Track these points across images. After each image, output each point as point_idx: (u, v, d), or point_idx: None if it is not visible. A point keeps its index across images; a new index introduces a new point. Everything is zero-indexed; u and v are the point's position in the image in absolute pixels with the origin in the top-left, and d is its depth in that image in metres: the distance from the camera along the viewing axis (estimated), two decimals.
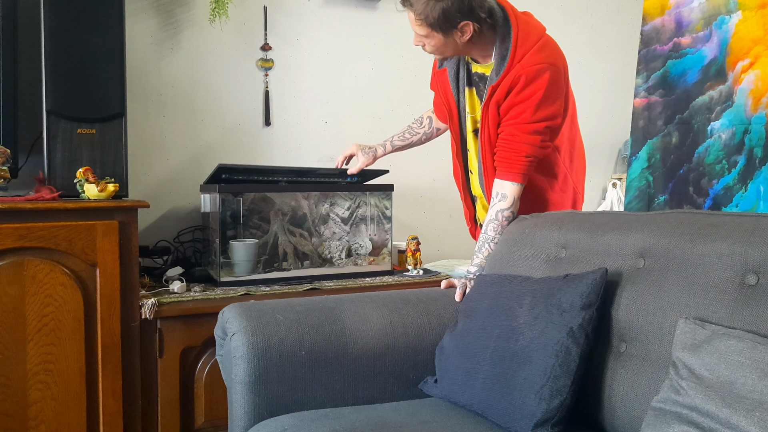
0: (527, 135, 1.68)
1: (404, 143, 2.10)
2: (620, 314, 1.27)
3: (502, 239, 1.71)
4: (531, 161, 1.70)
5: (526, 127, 1.68)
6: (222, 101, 2.43)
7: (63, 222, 1.64)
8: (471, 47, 1.73)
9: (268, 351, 1.40)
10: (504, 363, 1.29)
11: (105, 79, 1.82)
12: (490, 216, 1.75)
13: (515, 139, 1.69)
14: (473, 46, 1.72)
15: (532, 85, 1.65)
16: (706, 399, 0.97)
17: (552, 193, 1.86)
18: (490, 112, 1.72)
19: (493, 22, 1.68)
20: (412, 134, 2.09)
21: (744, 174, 1.67)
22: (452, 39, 1.67)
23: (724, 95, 1.73)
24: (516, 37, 1.66)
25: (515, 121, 1.68)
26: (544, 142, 1.71)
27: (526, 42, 1.67)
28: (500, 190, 1.73)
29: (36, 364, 1.63)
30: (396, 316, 1.54)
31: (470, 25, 1.64)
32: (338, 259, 2.26)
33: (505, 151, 1.71)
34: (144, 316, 1.78)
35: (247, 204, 2.17)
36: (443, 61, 1.86)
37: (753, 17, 1.66)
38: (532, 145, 1.69)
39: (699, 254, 1.18)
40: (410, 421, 1.30)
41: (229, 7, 2.35)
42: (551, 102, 1.68)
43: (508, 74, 1.66)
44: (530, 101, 1.65)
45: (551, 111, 1.69)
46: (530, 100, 1.65)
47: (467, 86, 1.83)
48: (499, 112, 1.71)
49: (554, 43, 1.74)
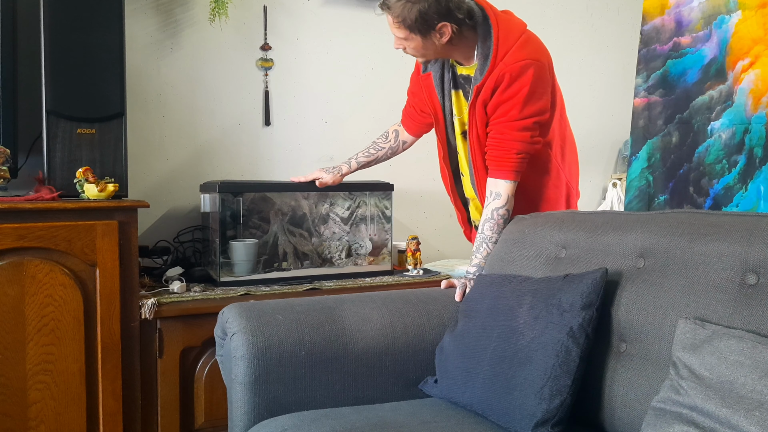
0: (516, 132, 1.68)
1: (369, 159, 2.08)
2: (620, 314, 1.27)
3: (501, 239, 1.70)
4: (522, 158, 1.71)
5: (514, 125, 1.68)
6: (222, 101, 2.43)
7: (63, 222, 1.64)
8: (452, 49, 1.74)
9: (268, 351, 1.40)
10: (504, 363, 1.29)
11: (105, 79, 1.82)
12: (485, 215, 1.75)
13: (505, 137, 1.69)
14: (454, 48, 1.73)
15: (517, 82, 1.65)
16: (706, 399, 0.97)
17: (546, 190, 1.85)
18: (477, 112, 1.72)
19: (473, 23, 1.69)
20: (377, 149, 2.07)
21: (744, 174, 1.67)
22: (431, 41, 1.68)
23: (724, 95, 1.73)
24: (497, 36, 1.67)
25: (503, 119, 1.69)
26: (534, 138, 1.71)
27: (508, 39, 1.67)
28: (494, 188, 1.73)
29: (36, 364, 1.63)
30: (396, 316, 1.54)
31: (448, 26, 1.65)
32: (338, 259, 2.26)
33: (495, 149, 1.71)
34: (144, 316, 1.78)
35: (247, 204, 2.17)
36: (427, 66, 1.85)
37: (753, 17, 1.66)
38: (522, 142, 1.69)
39: (699, 254, 1.18)
40: (410, 421, 1.30)
41: (229, 6, 2.35)
42: (538, 97, 1.68)
43: (492, 73, 1.67)
44: (517, 98, 1.66)
45: (539, 106, 1.69)
46: (516, 97, 1.66)
47: (453, 89, 1.83)
48: (486, 111, 1.72)
49: (536, 39, 1.74)
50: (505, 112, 1.68)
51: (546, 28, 3.11)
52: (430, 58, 1.79)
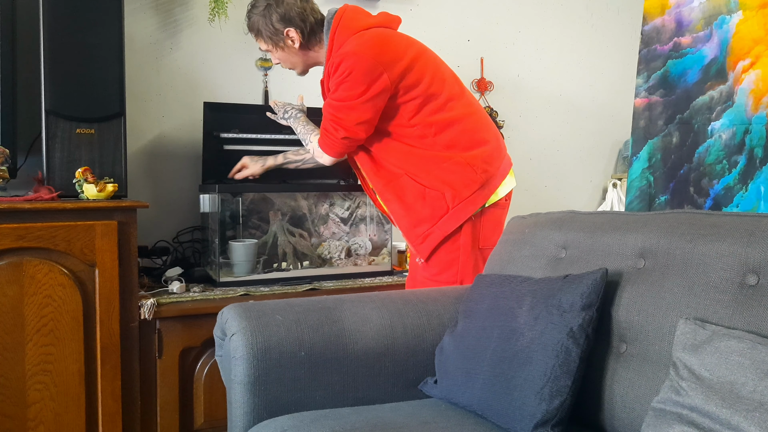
0: (333, 111, 1.85)
1: (297, 157, 2.10)
2: (620, 314, 1.27)
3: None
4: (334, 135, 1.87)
5: (333, 104, 1.85)
6: (221, 101, 2.42)
7: (62, 222, 1.64)
8: (314, 56, 1.98)
9: (268, 351, 1.39)
10: (504, 363, 1.29)
11: (104, 79, 1.81)
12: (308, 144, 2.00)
13: (326, 114, 1.88)
14: (315, 54, 1.97)
15: (338, 69, 1.82)
16: (706, 399, 0.97)
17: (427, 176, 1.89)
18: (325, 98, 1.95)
19: (326, 29, 1.90)
20: (306, 151, 2.07)
21: (744, 174, 1.67)
22: (288, 49, 1.94)
23: (725, 95, 1.73)
24: (333, 34, 1.87)
25: (330, 99, 1.88)
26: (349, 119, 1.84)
27: (342, 36, 1.86)
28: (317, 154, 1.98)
29: (35, 364, 1.62)
30: (396, 317, 1.54)
31: (293, 32, 1.90)
32: (338, 259, 2.26)
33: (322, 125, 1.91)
34: (143, 316, 1.78)
35: (247, 204, 2.17)
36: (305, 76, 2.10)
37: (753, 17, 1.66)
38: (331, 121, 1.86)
39: (699, 254, 1.18)
40: (410, 422, 1.29)
41: (229, 6, 2.35)
42: (354, 86, 1.80)
43: (327, 63, 1.89)
44: (337, 83, 1.83)
45: (355, 93, 1.80)
46: (338, 82, 1.82)
47: None
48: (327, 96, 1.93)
49: (376, 37, 1.84)
50: (333, 93, 1.87)
51: (546, 28, 3.13)
52: (301, 68, 2.02)
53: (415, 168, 1.88)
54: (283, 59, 1.98)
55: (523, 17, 3.04)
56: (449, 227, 1.87)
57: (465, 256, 1.89)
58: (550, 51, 3.11)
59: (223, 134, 2.19)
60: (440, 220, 1.87)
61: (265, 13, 1.89)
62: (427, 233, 1.89)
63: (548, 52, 3.10)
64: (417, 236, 1.91)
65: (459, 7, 2.89)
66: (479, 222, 1.90)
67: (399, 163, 1.90)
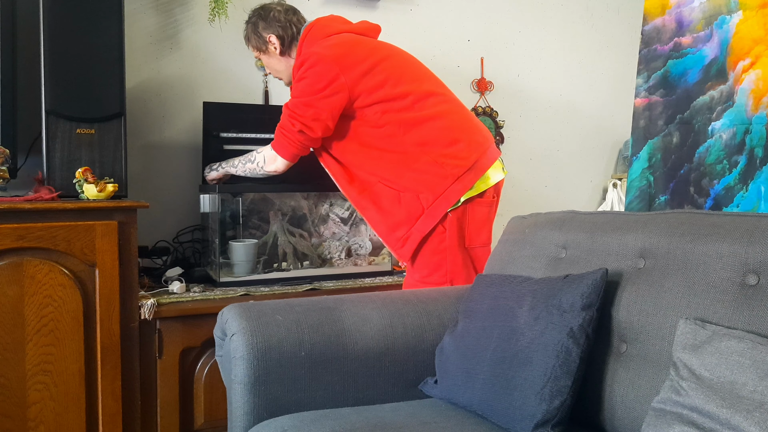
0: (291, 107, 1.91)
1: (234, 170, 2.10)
2: (621, 314, 1.27)
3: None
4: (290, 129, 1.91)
5: (292, 102, 1.91)
6: (221, 101, 2.42)
7: (62, 222, 1.64)
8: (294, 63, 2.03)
9: (268, 352, 1.39)
10: (504, 363, 1.29)
11: (104, 79, 1.81)
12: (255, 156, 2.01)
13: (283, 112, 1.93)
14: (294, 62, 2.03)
15: (300, 68, 1.92)
16: (706, 399, 0.97)
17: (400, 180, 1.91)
18: None
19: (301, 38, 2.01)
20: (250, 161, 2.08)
21: (745, 174, 1.67)
22: (271, 55, 2.07)
23: (725, 95, 1.73)
24: (302, 41, 2.00)
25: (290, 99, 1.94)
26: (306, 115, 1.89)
27: (309, 42, 1.97)
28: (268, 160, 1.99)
29: (35, 364, 1.62)
30: (396, 317, 1.54)
31: (273, 36, 2.03)
32: (338, 259, 2.26)
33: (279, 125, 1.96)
34: (143, 316, 1.78)
35: (247, 204, 2.17)
36: None
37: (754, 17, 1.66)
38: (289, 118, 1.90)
39: (699, 254, 1.18)
40: (410, 422, 1.29)
41: (229, 6, 2.35)
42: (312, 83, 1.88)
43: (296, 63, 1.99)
44: (297, 80, 1.92)
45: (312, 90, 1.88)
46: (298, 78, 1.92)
47: None
48: None
49: (339, 42, 1.94)
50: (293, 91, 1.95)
51: (546, 28, 3.13)
52: (285, 75, 2.10)
53: (387, 173, 1.92)
54: (267, 65, 2.13)
55: (524, 17, 3.04)
56: (427, 226, 1.90)
57: (452, 255, 1.91)
58: (551, 51, 3.11)
59: (223, 134, 2.19)
60: (417, 221, 1.90)
61: (254, 21, 2.07)
62: (407, 236, 1.92)
63: (548, 53, 3.10)
64: (396, 240, 1.94)
65: (459, 8, 2.88)
66: (464, 220, 1.92)
67: (372, 170, 1.94)
